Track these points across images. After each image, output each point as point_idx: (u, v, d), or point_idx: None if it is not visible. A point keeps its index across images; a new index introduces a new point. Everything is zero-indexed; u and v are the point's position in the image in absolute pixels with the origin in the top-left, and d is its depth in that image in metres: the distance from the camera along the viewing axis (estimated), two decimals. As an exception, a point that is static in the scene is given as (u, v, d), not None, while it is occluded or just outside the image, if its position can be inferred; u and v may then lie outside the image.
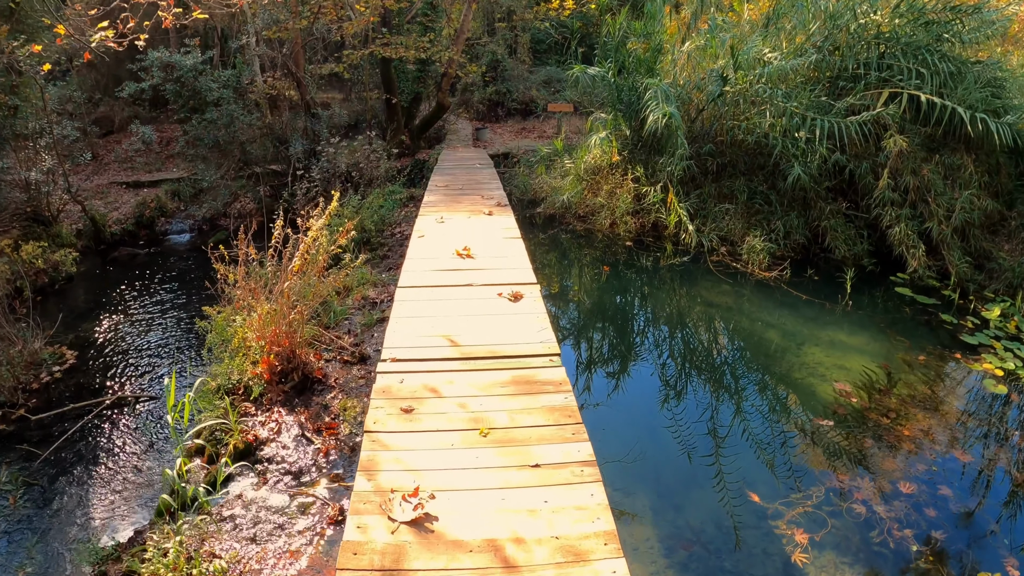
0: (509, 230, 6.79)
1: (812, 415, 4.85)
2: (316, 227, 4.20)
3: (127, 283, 9.96)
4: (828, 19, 8.31)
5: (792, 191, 7.96)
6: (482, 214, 7.38)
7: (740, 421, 4.84)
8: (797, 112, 7.72)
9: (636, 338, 6.54)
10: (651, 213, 7.93)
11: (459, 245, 6.11)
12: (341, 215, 7.22)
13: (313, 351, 4.89)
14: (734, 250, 7.62)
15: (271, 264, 4.38)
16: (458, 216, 7.30)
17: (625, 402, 5.27)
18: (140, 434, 5.61)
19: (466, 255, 5.94)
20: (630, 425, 4.87)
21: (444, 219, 7.09)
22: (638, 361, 6.02)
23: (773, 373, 5.63)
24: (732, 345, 6.30)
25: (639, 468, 4.24)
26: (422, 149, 13.09)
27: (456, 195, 8.37)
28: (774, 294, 6.96)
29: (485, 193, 8.44)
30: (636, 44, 8.40)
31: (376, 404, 3.50)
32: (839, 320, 6.49)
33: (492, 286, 5.22)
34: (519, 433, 3.28)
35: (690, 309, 6.97)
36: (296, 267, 4.06)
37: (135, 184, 13.61)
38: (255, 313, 4.43)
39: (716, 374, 5.74)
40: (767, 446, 4.49)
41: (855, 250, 7.83)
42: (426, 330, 4.41)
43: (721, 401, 5.18)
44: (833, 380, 5.34)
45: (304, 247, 4.12)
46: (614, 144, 7.95)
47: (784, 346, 6.05)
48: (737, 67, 7.57)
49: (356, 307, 5.71)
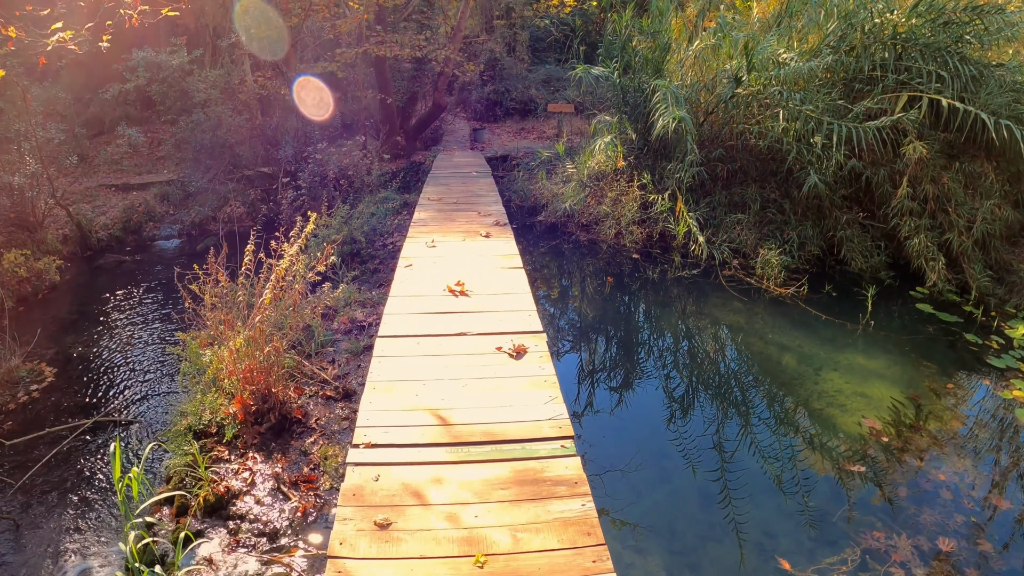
0: (509, 258, 6.00)
1: (839, 457, 4.41)
2: (290, 254, 3.72)
3: (112, 292, 9.49)
4: (842, 18, 7.82)
5: (806, 199, 7.49)
6: (479, 236, 6.58)
7: (759, 461, 4.40)
8: (812, 116, 7.23)
9: (641, 365, 6.05)
10: (658, 223, 7.43)
11: (451, 278, 5.32)
12: (329, 226, 6.75)
13: (293, 383, 4.43)
14: (746, 263, 7.15)
15: (243, 290, 3.91)
16: (451, 239, 6.49)
17: (629, 435, 4.82)
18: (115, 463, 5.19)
19: (459, 292, 5.12)
20: (635, 462, 4.42)
21: (436, 242, 6.30)
22: (643, 392, 5.55)
23: (791, 405, 5.18)
24: (746, 372, 5.84)
25: (648, 514, 3.81)
26: (418, 151, 12.58)
27: (450, 211, 7.60)
28: (790, 312, 6.50)
29: (482, 209, 7.72)
30: (642, 43, 7.90)
31: (344, 515, 2.81)
32: (857, 341, 6.04)
33: (490, 336, 4.41)
34: (525, 563, 2.56)
35: (700, 331, 6.49)
36: (268, 300, 3.59)
37: (124, 187, 13.10)
38: (227, 346, 3.97)
39: (729, 406, 5.29)
40: (792, 494, 4.04)
41: (871, 262, 7.38)
42: (409, 400, 3.61)
43: (736, 438, 4.74)
44: (854, 409, 4.92)
45: (276, 276, 3.64)
46: (619, 149, 7.43)
47: (801, 372, 5.59)
48: (751, 68, 7.07)
49: (342, 330, 5.24)
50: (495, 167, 10.91)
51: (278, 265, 3.64)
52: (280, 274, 3.60)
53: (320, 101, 10.67)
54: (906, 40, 7.63)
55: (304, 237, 3.88)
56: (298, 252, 3.84)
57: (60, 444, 5.47)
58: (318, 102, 10.65)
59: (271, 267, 3.83)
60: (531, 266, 7.91)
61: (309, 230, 3.90)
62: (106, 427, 5.93)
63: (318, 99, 10.68)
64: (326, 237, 6.56)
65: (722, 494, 4.02)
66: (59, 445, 5.47)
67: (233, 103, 10.60)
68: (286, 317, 3.88)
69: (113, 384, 6.77)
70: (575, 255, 8.02)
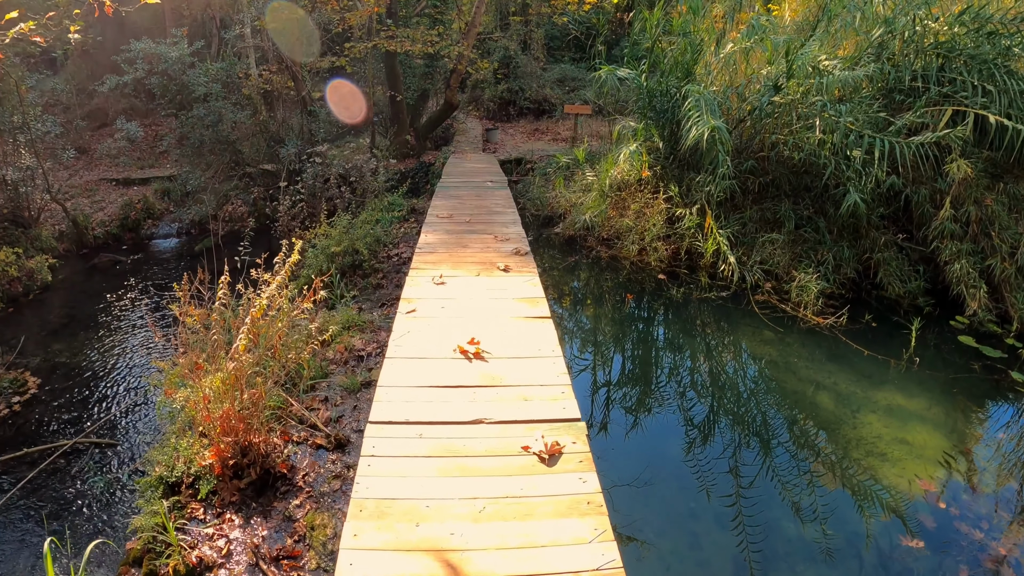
0: (534, 304, 4.74)
1: (892, 529, 3.80)
2: (268, 292, 3.12)
3: (105, 294, 8.94)
4: (882, 23, 7.17)
5: (843, 218, 6.86)
6: (495, 269, 5.45)
7: (797, 527, 3.80)
8: (853, 129, 6.59)
9: (664, 403, 5.35)
10: (685, 239, 6.79)
11: (464, 333, 4.16)
12: (329, 236, 6.16)
13: (280, 427, 3.86)
14: (779, 286, 6.51)
15: (217, 328, 3.33)
16: (463, 273, 5.37)
17: (654, 483, 4.23)
18: (93, 492, 4.72)
19: (474, 355, 3.92)
20: (660, 512, 3.85)
21: (444, 278, 5.17)
22: (667, 435, 4.91)
23: (828, 454, 4.56)
24: (777, 415, 5.20)
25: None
26: (428, 150, 11.97)
27: (462, 233, 6.49)
28: (826, 344, 5.87)
29: (499, 231, 6.59)
30: (671, 43, 7.23)
31: None
32: (895, 377, 5.43)
33: (513, 425, 3.26)
34: None
35: (728, 364, 5.85)
36: (242, 347, 3.02)
37: (125, 181, 12.56)
38: (200, 390, 3.40)
39: (761, 456, 4.66)
40: (834, 561, 3.45)
41: (909, 287, 6.74)
42: (406, 534, 2.57)
43: (772, 497, 4.13)
44: (895, 459, 4.33)
45: (252, 320, 3.05)
46: (644, 158, 6.78)
47: (838, 415, 4.98)
48: (790, 75, 6.43)
49: (338, 360, 4.66)
50: (508, 171, 10.27)
51: (254, 305, 3.06)
52: (257, 316, 3.02)
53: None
54: (949, 50, 7.00)
55: (287, 269, 3.29)
56: (282, 284, 3.26)
57: (35, 468, 5.02)
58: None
59: (253, 299, 3.24)
60: (550, 286, 7.28)
61: (294, 260, 3.31)
62: (85, 449, 5.46)
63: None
64: (325, 248, 5.98)
65: (763, 569, 3.44)
66: (34, 469, 5.02)
67: (236, 98, 10.01)
68: (266, 362, 3.30)
69: (99, 398, 6.26)
70: (596, 273, 7.36)
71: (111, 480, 4.99)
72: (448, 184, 8.99)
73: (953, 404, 5.15)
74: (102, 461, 5.30)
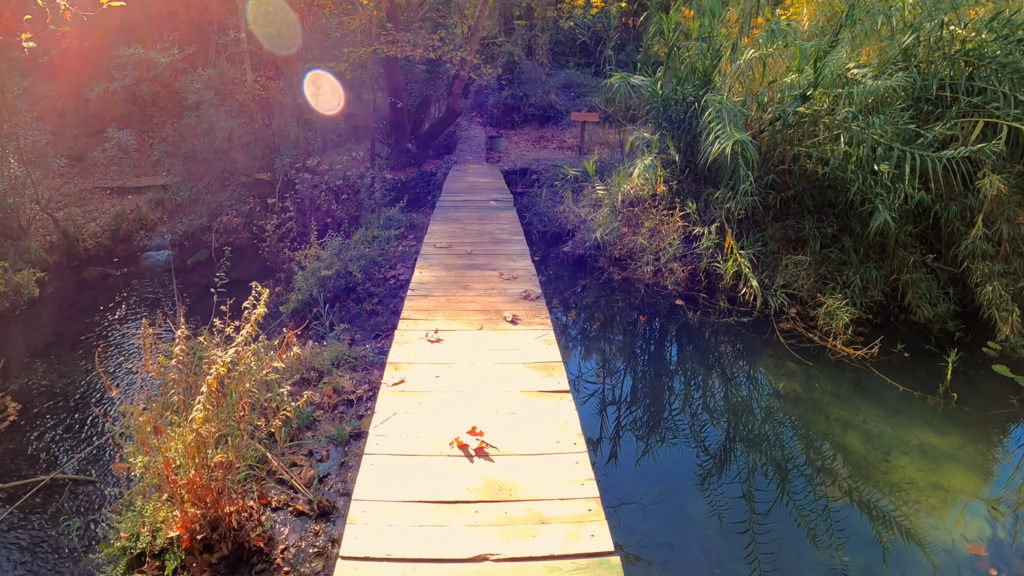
0: (549, 371, 3.84)
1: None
2: (224, 360, 2.59)
3: (94, 311, 8.52)
4: (907, 29, 6.67)
5: (869, 237, 6.37)
6: (501, 320, 4.58)
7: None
8: (881, 141, 6.09)
9: (681, 446, 4.79)
10: (703, 259, 6.27)
11: (462, 418, 3.31)
12: (319, 258, 5.66)
13: (257, 489, 3.38)
14: (804, 311, 6.00)
15: (177, 388, 2.84)
16: (462, 326, 4.44)
17: (674, 543, 3.74)
18: (67, 537, 4.27)
19: (476, 450, 3.09)
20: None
21: (439, 333, 4.27)
22: (683, 483, 4.39)
23: (859, 504, 4.07)
24: (802, 457, 4.68)
25: None
26: (430, 159, 11.48)
27: (462, 269, 5.61)
28: (854, 376, 5.36)
29: (505, 266, 5.72)
30: (690, 48, 6.71)
31: None
32: (927, 413, 4.92)
33: (528, 563, 2.51)
34: None
35: (750, 401, 5.33)
36: (199, 420, 2.53)
37: (120, 190, 12.09)
38: (161, 454, 2.92)
39: (784, 505, 4.14)
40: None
41: (938, 310, 6.25)
42: None
43: (797, 553, 3.63)
44: (930, 507, 3.89)
45: (209, 389, 2.55)
46: (659, 172, 6.25)
47: (868, 458, 4.48)
48: (818, 83, 5.93)
49: (325, 404, 4.16)
50: (513, 182, 9.75)
51: (217, 364, 2.56)
52: (214, 385, 2.52)
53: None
54: (978, 57, 6.50)
55: (253, 323, 2.79)
56: (248, 339, 2.76)
57: (12, 506, 4.56)
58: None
59: (214, 357, 2.74)
60: (558, 312, 6.80)
61: (260, 313, 2.81)
62: (65, 485, 5.00)
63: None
64: (315, 271, 5.49)
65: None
66: (8, 507, 4.57)
67: (230, 105, 9.53)
68: (232, 431, 2.81)
69: (81, 426, 5.78)
70: (608, 297, 6.83)
71: (86, 524, 4.54)
72: (448, 202, 8.21)
73: (989, 443, 4.70)
74: (80, 500, 4.85)
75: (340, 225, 7.23)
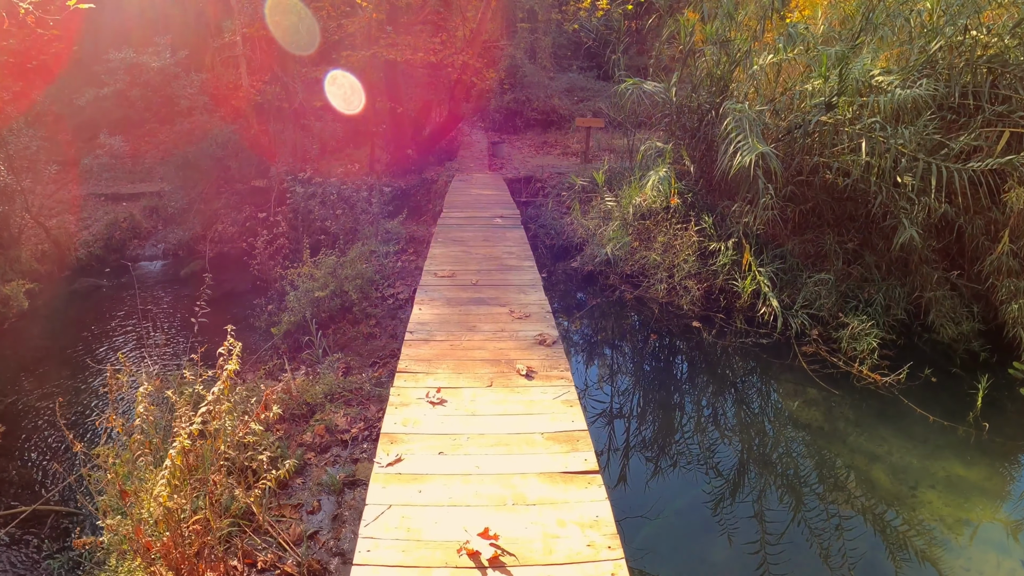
0: (573, 445, 3.16)
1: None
2: (191, 426, 2.18)
3: (85, 324, 8.14)
4: (939, 34, 6.27)
5: (892, 252, 5.98)
6: (514, 373, 3.81)
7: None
8: (906, 152, 5.69)
9: (698, 483, 4.41)
10: (719, 276, 5.85)
11: (472, 513, 2.67)
12: (313, 277, 5.25)
13: (241, 547, 2.98)
14: (826, 331, 5.60)
15: (140, 444, 2.45)
16: (469, 382, 3.72)
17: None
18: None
19: (490, 561, 2.40)
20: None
21: (442, 392, 3.57)
22: (700, 523, 4.04)
23: (886, 544, 3.70)
24: (825, 493, 4.28)
25: None
26: (431, 165, 11.07)
27: (467, 305, 4.84)
28: (879, 404, 4.97)
29: (515, 300, 4.93)
30: (706, 53, 6.30)
31: None
32: (953, 442, 4.57)
33: None
34: None
35: (769, 432, 4.93)
36: (164, 498, 2.13)
37: (114, 196, 11.68)
38: (135, 511, 2.54)
39: (808, 545, 3.75)
40: None
41: (962, 329, 5.86)
42: None
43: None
44: (959, 547, 3.57)
45: (173, 466, 2.15)
46: (673, 184, 5.82)
47: (895, 492, 4.15)
48: (843, 91, 5.53)
49: (316, 445, 3.76)
50: (517, 191, 9.32)
51: (185, 429, 2.17)
52: (179, 461, 2.12)
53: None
54: (1002, 64, 6.11)
55: (227, 379, 2.39)
56: (220, 398, 2.36)
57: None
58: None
59: (181, 423, 2.35)
60: (571, 335, 6.42)
61: (232, 370, 2.41)
62: (48, 517, 4.62)
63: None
64: (309, 291, 5.08)
65: None
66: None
67: (225, 110, 9.12)
68: (199, 496, 2.41)
69: (67, 451, 5.37)
70: (620, 317, 6.38)
71: (67, 560, 4.16)
72: (451, 219, 7.47)
73: (1017, 472, 4.36)
74: (63, 533, 4.47)
75: (336, 240, 6.80)
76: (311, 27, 9.07)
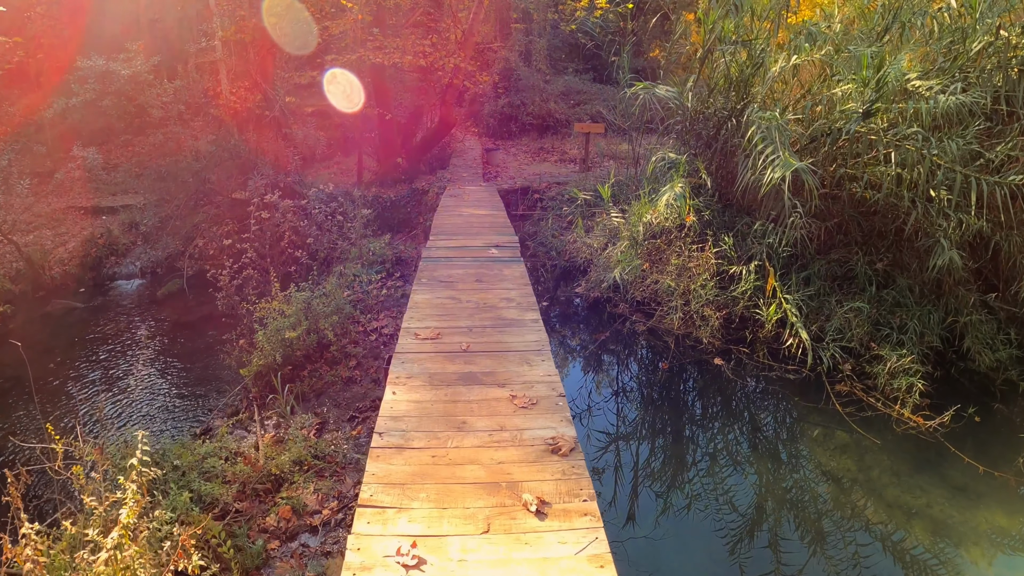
0: None
1: None
2: None
3: (56, 351, 7.43)
4: (955, 32, 5.57)
5: (924, 273, 5.30)
6: (520, 510, 2.69)
7: None
8: (943, 164, 4.99)
9: (715, 543, 3.73)
10: (739, 303, 5.11)
11: None
12: (284, 314, 4.51)
13: None
14: (858, 365, 4.90)
15: None
16: (457, 525, 2.60)
17: None
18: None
19: None
20: None
21: (419, 547, 2.44)
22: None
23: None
24: (860, 558, 3.62)
25: None
26: (422, 174, 10.32)
27: (454, 387, 3.68)
28: (918, 448, 4.31)
29: (517, 378, 3.79)
30: (726, 54, 5.55)
31: None
32: (994, 489, 4.00)
33: None
34: None
35: (804, 488, 4.20)
36: None
37: (94, 209, 10.90)
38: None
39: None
40: None
41: (999, 356, 5.20)
42: None
43: None
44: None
45: None
46: (688, 200, 5.05)
47: (936, 552, 3.55)
48: (880, 97, 4.81)
49: (281, 533, 3.05)
50: (513, 203, 8.58)
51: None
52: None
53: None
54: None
55: (140, 506, 1.66)
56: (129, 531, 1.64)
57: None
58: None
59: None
60: (575, 371, 5.69)
61: (135, 511, 1.67)
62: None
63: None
64: (278, 330, 4.34)
65: None
66: None
67: (203, 119, 8.35)
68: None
69: (27, 502, 4.68)
70: (631, 352, 5.63)
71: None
72: (438, 250, 6.23)
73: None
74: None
75: (313, 262, 6.03)
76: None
